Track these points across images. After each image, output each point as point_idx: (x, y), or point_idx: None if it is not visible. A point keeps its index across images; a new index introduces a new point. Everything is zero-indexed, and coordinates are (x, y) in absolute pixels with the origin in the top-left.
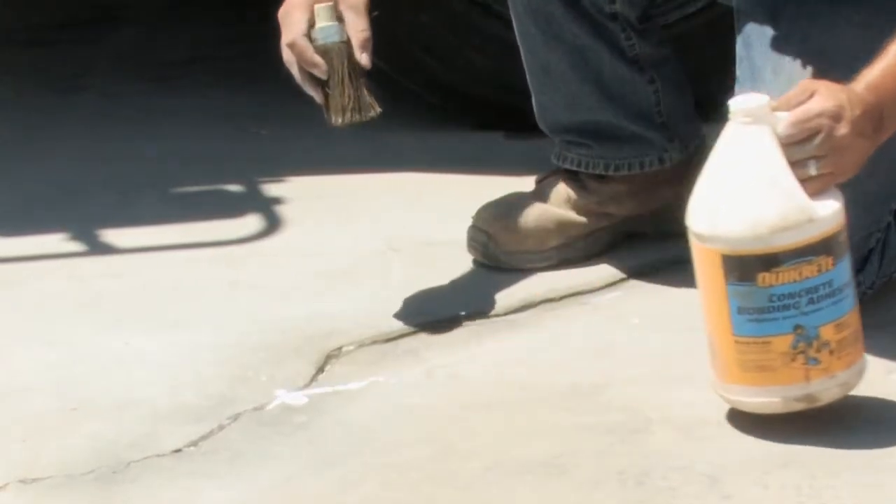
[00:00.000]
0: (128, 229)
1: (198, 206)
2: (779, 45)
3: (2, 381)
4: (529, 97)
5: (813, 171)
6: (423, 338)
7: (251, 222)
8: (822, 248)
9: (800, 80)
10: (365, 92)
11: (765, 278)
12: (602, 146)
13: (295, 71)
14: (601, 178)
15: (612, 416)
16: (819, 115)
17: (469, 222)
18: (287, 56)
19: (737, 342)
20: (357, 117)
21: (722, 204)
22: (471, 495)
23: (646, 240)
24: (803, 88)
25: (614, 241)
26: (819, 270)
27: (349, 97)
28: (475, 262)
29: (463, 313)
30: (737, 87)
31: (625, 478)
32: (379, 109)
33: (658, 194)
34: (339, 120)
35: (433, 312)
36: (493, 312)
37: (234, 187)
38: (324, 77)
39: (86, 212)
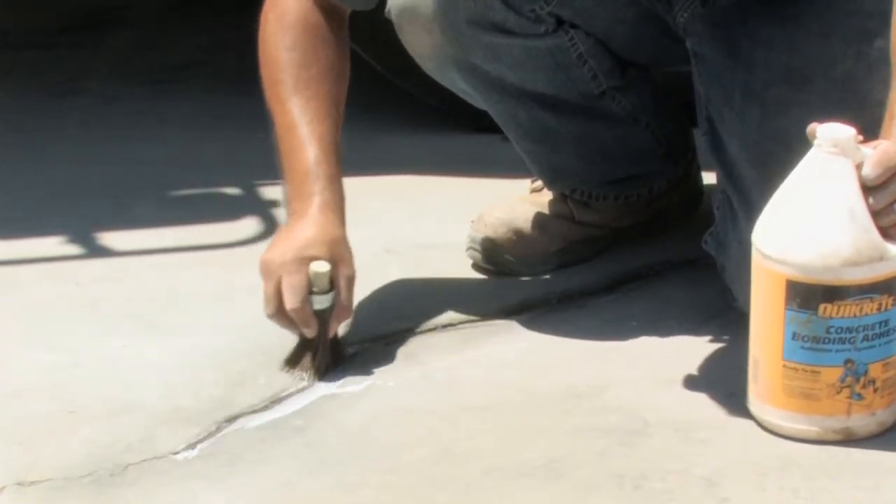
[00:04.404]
0: (125, 232)
1: (195, 209)
2: (743, 76)
3: None
4: None
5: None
6: (421, 340)
7: (249, 225)
8: (886, 287)
9: (774, 103)
10: (332, 352)
11: (826, 309)
12: (612, 186)
13: (286, 327)
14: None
15: (610, 418)
16: None
17: (467, 225)
18: (281, 315)
19: (785, 367)
20: (319, 375)
21: (796, 229)
22: (469, 498)
23: (644, 243)
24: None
25: (612, 244)
26: (879, 309)
27: (323, 357)
28: (473, 265)
29: (461, 316)
30: (703, 126)
31: (623, 481)
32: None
33: (656, 205)
34: (308, 377)
35: (431, 315)
36: (491, 315)
37: (232, 190)
38: (310, 337)
39: (83, 215)
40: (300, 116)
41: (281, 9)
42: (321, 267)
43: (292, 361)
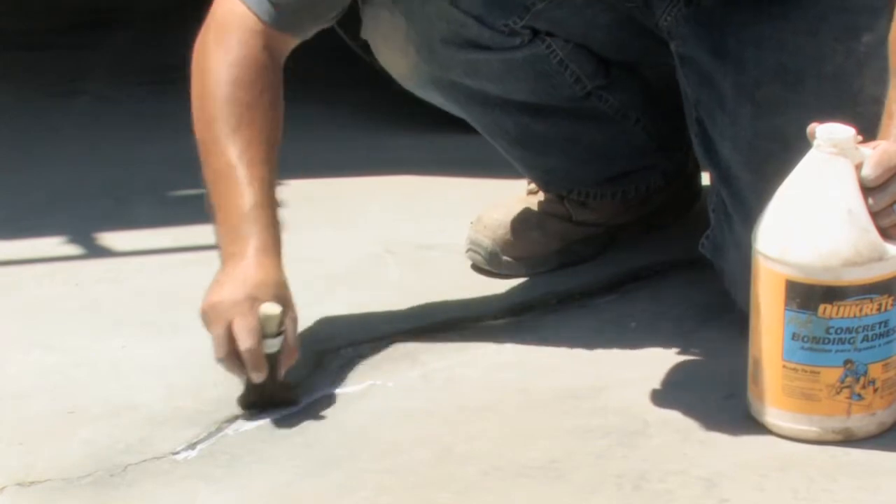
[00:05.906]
0: (125, 233)
1: (195, 209)
2: (733, 76)
3: None
4: None
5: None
6: (420, 341)
7: None
8: (886, 287)
9: (767, 103)
10: (277, 391)
11: (826, 310)
12: (608, 184)
13: (235, 370)
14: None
15: (610, 419)
16: None
17: (467, 225)
18: (233, 358)
19: (785, 367)
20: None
21: (795, 230)
22: (468, 499)
23: (644, 243)
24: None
25: (611, 243)
26: (879, 309)
27: (267, 396)
28: (473, 265)
29: (461, 316)
30: (692, 128)
31: (622, 482)
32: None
33: (654, 200)
34: (248, 411)
35: (430, 315)
36: (490, 315)
37: None
38: (257, 382)
39: (82, 216)
40: (239, 158)
41: (227, 43)
42: (273, 309)
43: (244, 401)
